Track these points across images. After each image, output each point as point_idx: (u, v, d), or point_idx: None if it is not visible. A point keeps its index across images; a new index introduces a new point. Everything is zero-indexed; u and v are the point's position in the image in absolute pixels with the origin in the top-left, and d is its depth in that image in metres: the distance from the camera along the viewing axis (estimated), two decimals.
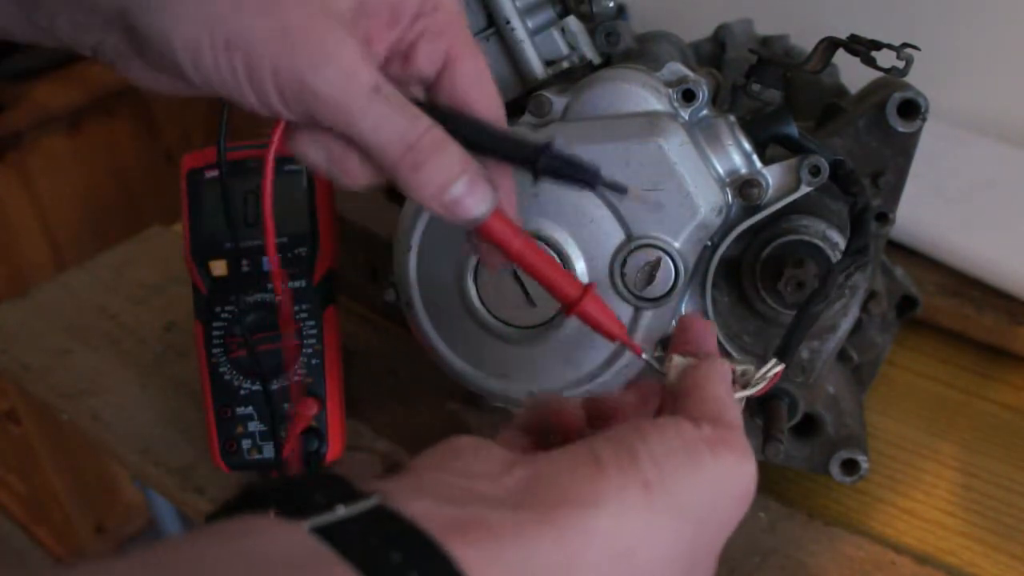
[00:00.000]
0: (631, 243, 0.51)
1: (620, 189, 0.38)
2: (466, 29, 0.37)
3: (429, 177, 0.34)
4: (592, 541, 0.26)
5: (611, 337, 0.39)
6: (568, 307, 0.39)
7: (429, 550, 0.23)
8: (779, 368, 0.39)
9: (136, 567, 0.21)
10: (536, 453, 0.29)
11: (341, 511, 0.24)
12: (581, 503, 0.26)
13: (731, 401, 0.33)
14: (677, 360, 0.36)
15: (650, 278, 0.51)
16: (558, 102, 0.52)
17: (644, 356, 0.38)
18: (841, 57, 0.53)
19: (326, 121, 0.34)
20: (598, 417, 0.37)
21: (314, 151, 0.36)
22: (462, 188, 0.35)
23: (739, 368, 0.37)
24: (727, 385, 0.34)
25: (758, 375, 0.38)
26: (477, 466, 0.28)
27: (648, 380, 0.39)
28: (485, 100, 0.38)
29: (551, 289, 0.39)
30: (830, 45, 0.53)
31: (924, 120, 0.52)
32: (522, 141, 0.37)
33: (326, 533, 0.23)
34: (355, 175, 0.36)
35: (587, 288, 0.38)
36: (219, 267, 0.61)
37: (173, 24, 0.32)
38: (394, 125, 0.34)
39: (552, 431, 0.35)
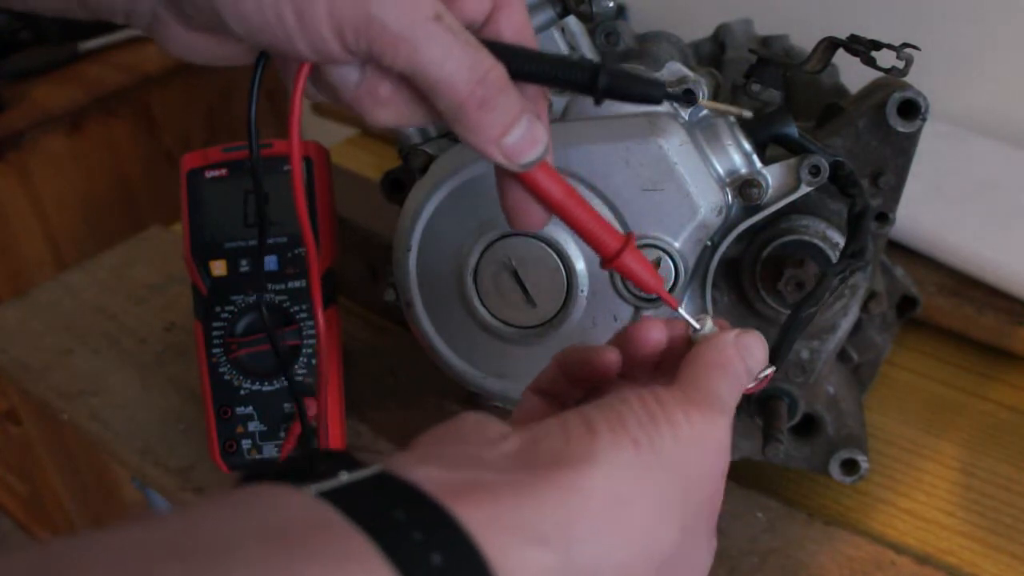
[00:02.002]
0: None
1: (690, 101, 0.37)
2: None
3: (495, 117, 0.33)
4: (589, 497, 0.27)
5: (648, 289, 0.38)
6: (607, 260, 0.38)
7: (432, 510, 0.24)
8: (770, 371, 0.39)
9: (145, 530, 0.21)
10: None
11: (344, 477, 0.25)
12: (577, 462, 0.27)
13: (716, 373, 0.34)
14: (708, 324, 0.37)
15: None
16: (558, 102, 0.52)
17: (680, 310, 0.38)
18: (841, 57, 0.53)
19: (387, 56, 0.32)
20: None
21: (346, 77, 0.34)
22: (522, 130, 0.34)
23: None
24: (720, 359, 0.34)
25: (762, 339, 0.38)
26: (475, 436, 0.29)
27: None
28: (530, 46, 0.37)
29: (591, 240, 0.37)
30: (830, 45, 0.53)
31: (924, 120, 0.52)
32: (579, 63, 0.35)
33: (331, 497, 0.24)
34: (383, 106, 0.35)
35: (628, 239, 0.37)
36: (219, 267, 0.61)
37: None
38: (461, 58, 0.32)
39: (584, 379, 0.36)
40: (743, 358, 0.35)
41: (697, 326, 0.37)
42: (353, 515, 0.23)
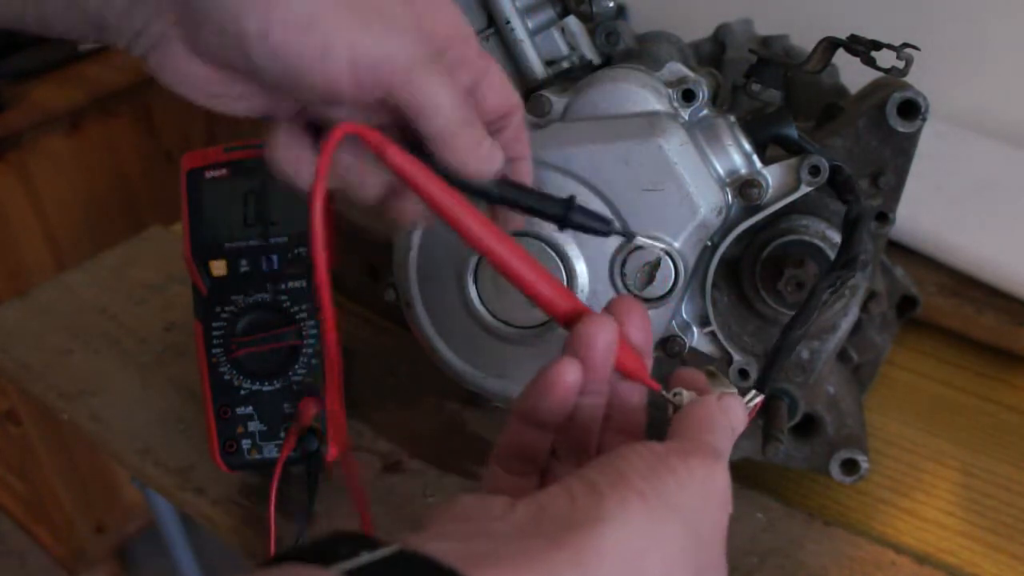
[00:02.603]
0: (631, 243, 0.51)
1: (630, 236, 0.44)
2: (481, 50, 0.40)
3: (476, 132, 0.38)
4: (604, 555, 0.27)
5: (630, 376, 0.38)
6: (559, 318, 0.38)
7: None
8: (759, 399, 0.39)
9: None
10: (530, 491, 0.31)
11: (365, 557, 0.26)
12: (588, 523, 0.28)
13: (705, 425, 0.35)
14: (687, 395, 0.37)
15: (650, 278, 0.51)
16: (558, 102, 0.52)
17: (663, 392, 0.38)
18: (841, 57, 0.53)
19: (389, 89, 0.35)
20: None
21: (339, 165, 0.38)
22: (489, 146, 0.39)
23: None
24: (707, 414, 0.35)
25: (743, 400, 0.38)
26: (481, 513, 0.30)
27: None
28: (511, 99, 0.41)
29: (548, 306, 0.38)
30: (830, 45, 0.53)
31: (924, 120, 0.52)
32: (551, 197, 0.41)
33: (356, 574, 0.25)
34: (369, 186, 0.39)
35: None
36: (219, 267, 0.61)
37: (244, 4, 0.33)
38: (449, 87, 0.37)
39: (549, 412, 0.36)
40: (726, 416, 0.36)
41: (675, 402, 0.37)
42: None
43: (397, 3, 0.36)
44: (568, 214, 0.40)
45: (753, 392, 0.40)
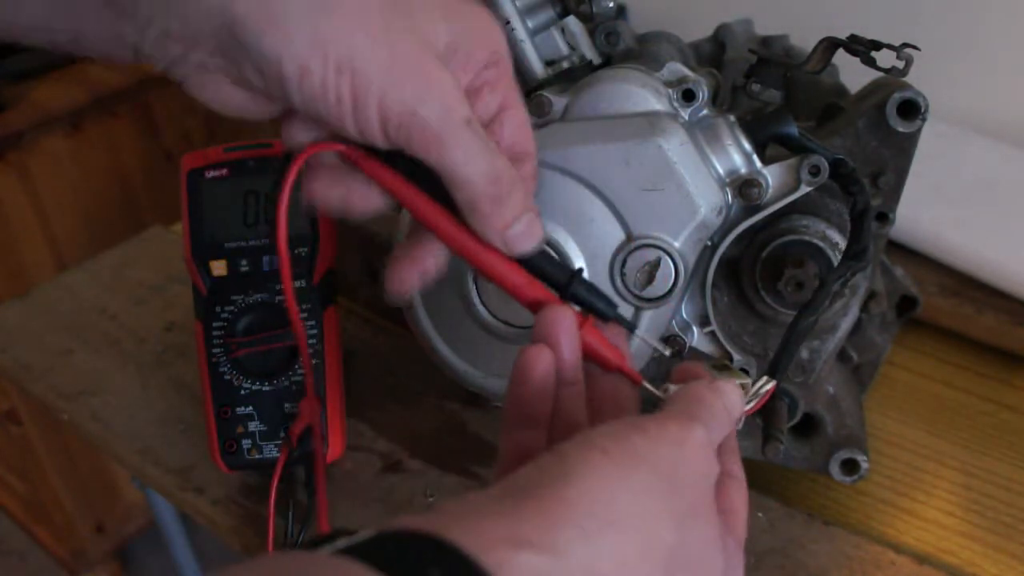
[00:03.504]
0: (631, 243, 0.51)
1: (630, 327, 0.41)
2: (516, 82, 0.40)
3: (505, 211, 0.37)
4: (569, 503, 0.28)
5: (610, 368, 0.39)
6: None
7: (424, 538, 0.26)
8: (771, 385, 0.39)
9: None
10: None
11: (344, 540, 0.27)
12: (553, 481, 0.29)
13: (691, 403, 0.35)
14: (672, 388, 0.37)
15: (650, 278, 0.51)
16: (558, 102, 0.52)
17: (645, 384, 0.38)
18: (841, 57, 0.53)
19: (421, 150, 0.35)
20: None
21: (332, 188, 0.38)
22: (523, 225, 0.38)
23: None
24: (694, 395, 0.35)
25: (750, 392, 0.38)
26: (461, 498, 0.30)
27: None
28: (527, 145, 0.41)
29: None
30: (830, 45, 0.53)
31: (924, 120, 0.52)
32: (560, 264, 0.40)
33: (340, 552, 0.26)
34: (364, 202, 0.39)
35: (584, 321, 0.38)
36: (219, 267, 0.61)
37: (285, 45, 0.33)
38: (482, 158, 0.36)
39: (532, 402, 0.37)
40: (719, 399, 0.36)
41: (660, 395, 0.37)
42: (359, 556, 0.25)
43: (439, 32, 0.36)
44: (570, 285, 0.40)
45: (765, 378, 0.40)
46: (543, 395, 0.36)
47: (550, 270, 0.40)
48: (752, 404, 0.38)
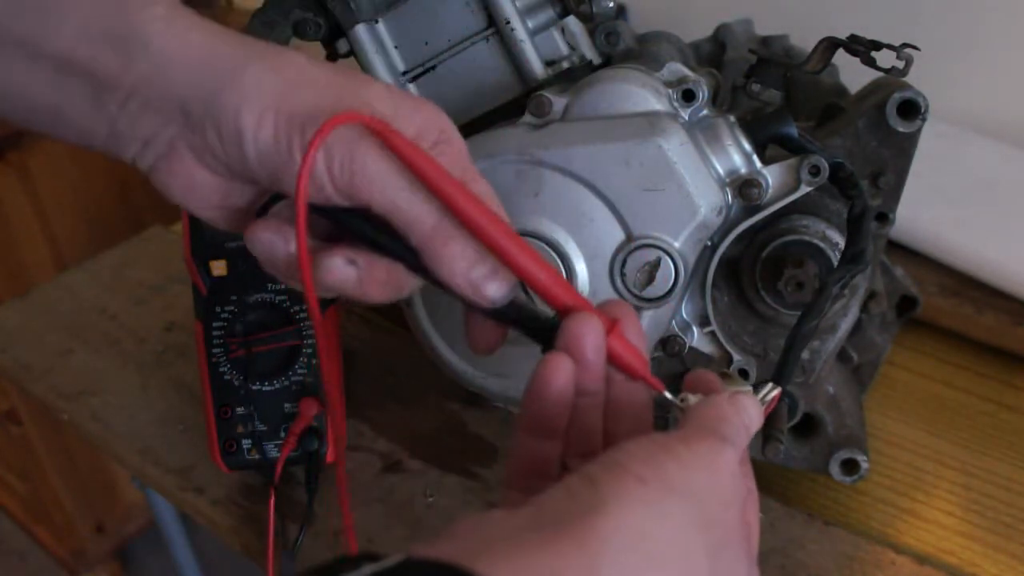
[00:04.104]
0: (631, 243, 0.51)
1: None
2: (470, 162, 0.40)
3: (458, 251, 0.36)
4: (608, 540, 0.27)
5: (635, 376, 0.38)
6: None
7: (451, 572, 0.26)
8: (776, 392, 0.39)
9: None
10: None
11: (367, 568, 0.26)
12: (587, 511, 0.28)
13: (715, 419, 0.34)
14: (691, 398, 0.37)
15: (650, 278, 0.51)
16: (558, 102, 0.52)
17: (665, 393, 0.38)
18: (841, 57, 0.53)
19: (364, 194, 0.35)
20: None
21: (344, 269, 0.37)
22: (487, 268, 0.37)
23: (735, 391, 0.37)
24: (716, 411, 0.35)
25: (757, 399, 0.38)
26: (482, 521, 0.30)
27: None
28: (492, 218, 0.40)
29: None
30: (830, 45, 0.53)
31: (924, 120, 0.52)
32: (539, 316, 0.39)
33: None
34: (378, 289, 0.38)
35: (613, 325, 0.37)
36: (219, 267, 0.61)
37: (242, 99, 0.35)
38: (424, 202, 0.36)
39: (550, 417, 0.37)
40: (739, 415, 0.35)
41: (680, 404, 0.37)
42: None
43: (385, 104, 0.37)
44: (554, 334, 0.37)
45: (770, 385, 0.40)
46: (561, 407, 0.36)
47: (530, 324, 0.39)
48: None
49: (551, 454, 0.37)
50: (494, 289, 0.37)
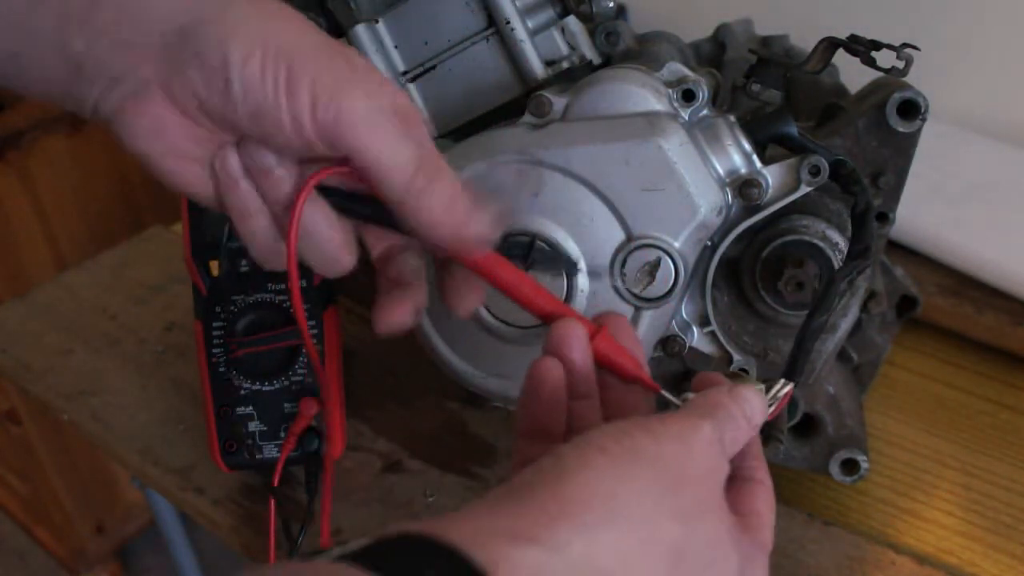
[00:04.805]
0: (631, 243, 0.51)
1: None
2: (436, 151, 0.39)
3: (436, 197, 0.36)
4: (568, 500, 0.28)
5: (629, 378, 0.38)
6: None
7: (419, 539, 0.26)
8: (788, 388, 0.39)
9: None
10: None
11: (337, 549, 0.27)
12: (549, 479, 0.29)
13: (707, 408, 0.34)
14: (692, 396, 0.37)
15: (650, 278, 0.51)
16: (558, 102, 0.52)
17: (663, 392, 0.38)
18: (841, 57, 0.53)
19: (346, 139, 0.35)
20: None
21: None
22: (467, 204, 0.36)
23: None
24: (710, 401, 0.35)
25: (768, 396, 0.38)
26: (463, 507, 0.30)
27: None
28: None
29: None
30: (830, 45, 0.53)
31: (924, 120, 0.52)
32: (517, 242, 0.39)
33: (336, 559, 0.26)
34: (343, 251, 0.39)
35: (599, 329, 0.38)
36: (219, 267, 0.61)
37: (232, 33, 0.35)
38: (405, 145, 0.36)
39: (546, 418, 0.37)
40: (738, 404, 0.35)
41: (678, 402, 0.37)
42: (350, 560, 0.26)
43: (362, 60, 0.37)
44: (530, 254, 0.39)
45: (782, 382, 0.40)
46: (555, 408, 0.36)
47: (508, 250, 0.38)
48: (772, 408, 0.38)
49: None
50: (477, 225, 0.37)
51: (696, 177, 0.50)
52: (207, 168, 0.38)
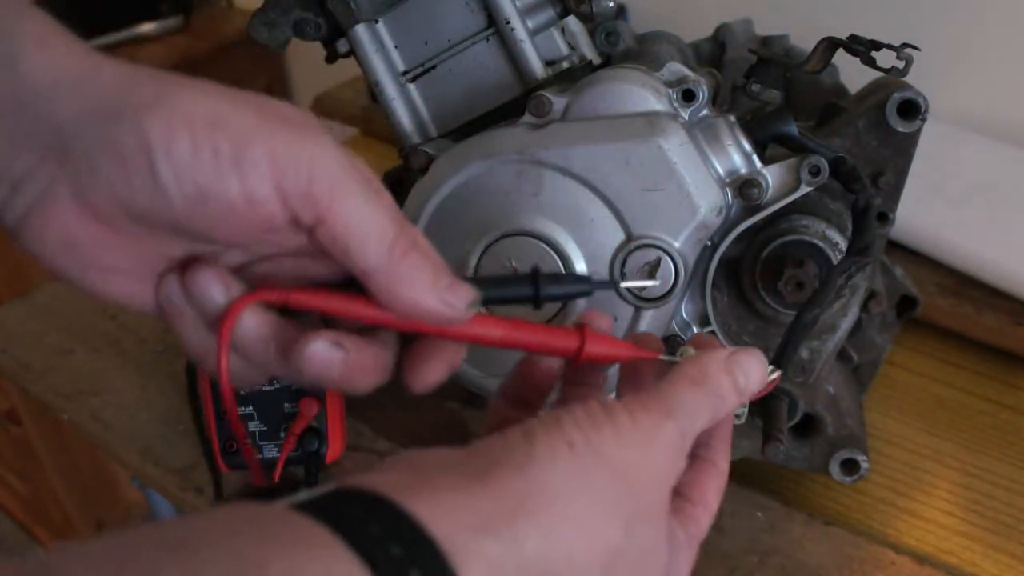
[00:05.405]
0: (631, 243, 0.51)
1: (611, 285, 0.39)
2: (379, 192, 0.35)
3: (418, 266, 0.32)
4: (526, 494, 0.28)
5: (624, 361, 0.38)
6: (576, 358, 0.37)
7: (387, 507, 0.26)
8: (776, 375, 0.39)
9: (135, 532, 0.24)
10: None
11: (304, 494, 0.27)
12: (513, 464, 0.29)
13: (684, 383, 0.34)
14: (690, 351, 0.36)
15: (650, 278, 0.51)
16: (558, 102, 0.52)
17: (662, 357, 0.38)
18: (841, 57, 0.53)
19: (319, 204, 0.31)
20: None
21: (328, 354, 0.33)
22: (448, 276, 0.33)
23: None
24: (696, 374, 0.34)
25: (761, 357, 0.38)
26: (421, 456, 0.30)
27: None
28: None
29: (551, 353, 0.37)
30: (830, 45, 0.53)
31: (924, 120, 0.52)
32: (513, 277, 0.37)
33: (297, 507, 0.26)
34: (363, 377, 0.34)
35: (582, 332, 0.36)
36: None
37: (147, 111, 0.30)
38: (380, 208, 0.32)
39: (528, 390, 0.37)
40: (731, 373, 0.34)
41: (679, 360, 0.36)
42: (318, 516, 0.25)
43: (310, 121, 0.33)
44: (538, 292, 0.36)
45: (771, 368, 0.40)
46: (542, 385, 0.37)
47: (512, 291, 0.36)
48: (757, 392, 0.37)
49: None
50: (463, 294, 0.33)
51: (696, 177, 0.50)
52: (142, 282, 0.34)
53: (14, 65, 0.30)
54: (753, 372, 0.35)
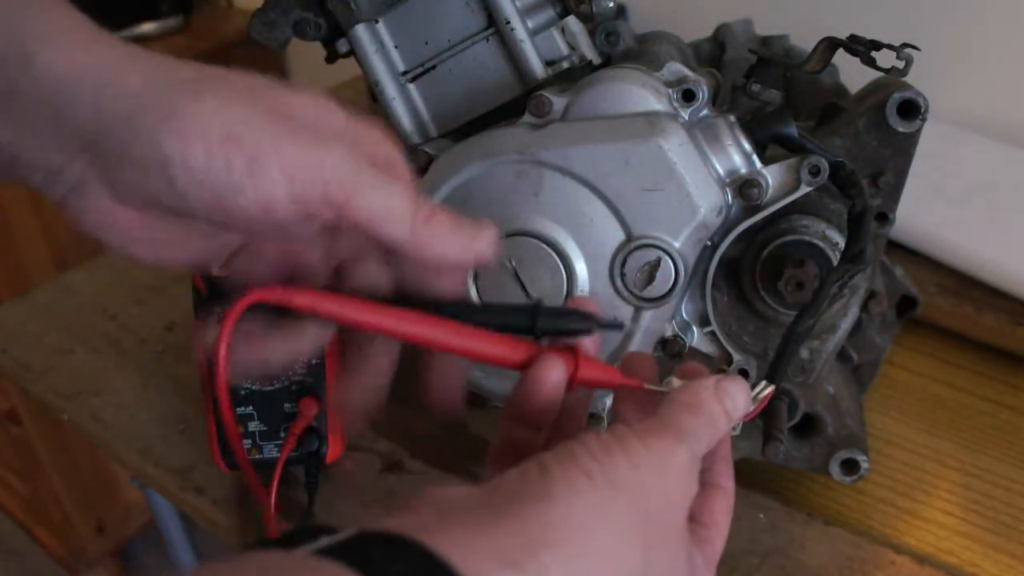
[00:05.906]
0: (631, 243, 0.51)
1: (616, 327, 0.38)
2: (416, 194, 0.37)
3: (439, 225, 0.35)
4: (548, 527, 0.28)
5: (614, 387, 0.38)
6: (570, 385, 0.37)
7: (408, 545, 0.27)
8: (769, 391, 0.39)
9: None
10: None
11: (324, 540, 0.27)
12: (533, 498, 0.29)
13: (683, 410, 0.34)
14: (675, 382, 0.37)
15: (650, 278, 0.51)
16: (558, 102, 0.52)
17: (647, 386, 0.38)
18: (841, 57, 0.53)
19: (336, 203, 0.33)
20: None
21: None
22: (465, 219, 0.35)
23: None
24: (692, 400, 0.35)
25: (744, 383, 0.38)
26: (439, 495, 0.31)
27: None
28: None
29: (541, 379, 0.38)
30: (830, 45, 0.53)
31: (924, 120, 0.52)
32: (513, 307, 0.37)
33: (321, 552, 0.26)
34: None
35: (576, 359, 0.37)
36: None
37: (160, 125, 0.31)
38: (396, 190, 0.34)
39: (537, 410, 0.37)
40: (720, 401, 0.35)
41: (665, 390, 0.37)
42: (343, 559, 0.26)
43: (324, 119, 0.35)
44: (535, 324, 0.37)
45: (764, 383, 0.40)
46: (549, 407, 0.37)
47: (513, 320, 0.37)
48: (752, 409, 0.38)
49: (535, 445, 0.38)
50: (483, 243, 0.36)
51: (696, 177, 0.50)
52: (185, 246, 0.35)
53: (29, 65, 0.31)
54: (739, 399, 0.36)
